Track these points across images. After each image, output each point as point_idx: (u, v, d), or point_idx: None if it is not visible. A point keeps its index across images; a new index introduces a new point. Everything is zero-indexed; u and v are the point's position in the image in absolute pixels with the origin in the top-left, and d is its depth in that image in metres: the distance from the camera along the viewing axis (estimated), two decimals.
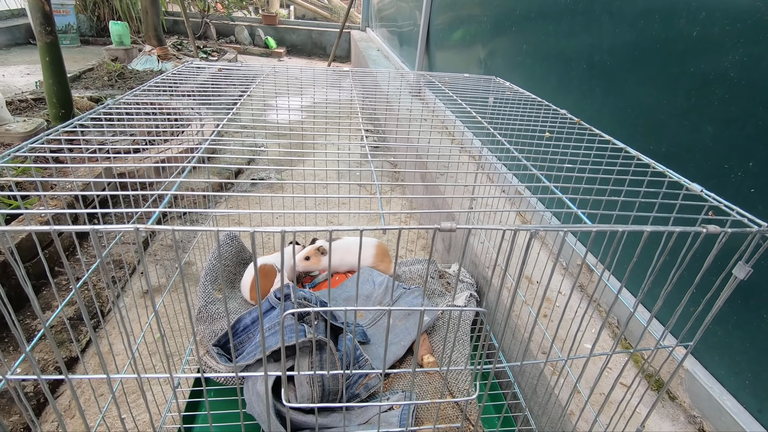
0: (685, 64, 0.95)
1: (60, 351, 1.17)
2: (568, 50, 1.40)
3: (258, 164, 2.60)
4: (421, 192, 2.09)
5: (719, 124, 0.88)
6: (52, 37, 2.22)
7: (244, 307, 1.20)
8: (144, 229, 0.35)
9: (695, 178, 0.93)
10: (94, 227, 0.35)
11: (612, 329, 1.11)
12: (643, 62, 1.08)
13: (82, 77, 3.82)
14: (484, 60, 2.13)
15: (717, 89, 0.88)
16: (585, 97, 1.32)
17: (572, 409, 0.87)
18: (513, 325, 1.11)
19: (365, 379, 0.94)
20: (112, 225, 0.35)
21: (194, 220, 1.92)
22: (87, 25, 6.15)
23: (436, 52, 3.06)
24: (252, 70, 1.24)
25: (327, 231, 0.37)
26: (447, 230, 0.38)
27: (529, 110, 0.97)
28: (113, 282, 1.53)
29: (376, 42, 5.92)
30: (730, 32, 0.85)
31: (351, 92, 0.98)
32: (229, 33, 7.23)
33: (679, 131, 0.97)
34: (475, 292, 1.29)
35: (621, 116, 1.16)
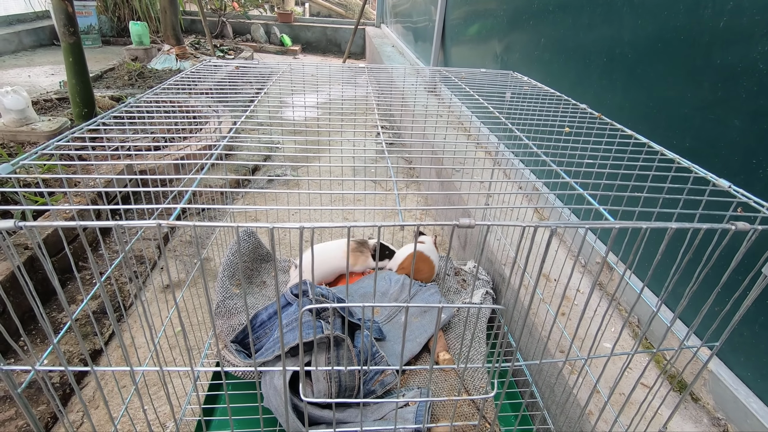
0: (711, 55, 0.92)
1: (85, 343, 1.21)
2: (587, 43, 1.37)
3: (274, 161, 2.62)
4: (437, 189, 2.08)
5: (747, 117, 0.85)
6: (75, 38, 2.27)
7: (261, 303, 1.21)
8: (165, 224, 0.36)
9: (721, 173, 0.91)
10: (118, 223, 0.35)
11: (633, 329, 1.08)
12: (666, 55, 1.05)
13: (104, 77, 3.91)
14: (500, 55, 2.11)
15: (745, 81, 0.85)
16: (605, 91, 1.29)
17: (591, 410, 0.86)
18: (530, 323, 1.10)
19: (381, 375, 0.94)
20: (134, 221, 0.35)
21: (212, 216, 1.95)
22: (108, 25, 6.29)
23: (452, 47, 3.03)
24: (268, 67, 1.25)
25: (345, 227, 0.37)
26: (465, 226, 0.38)
27: (547, 105, 0.96)
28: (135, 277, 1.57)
29: (391, 38, 5.90)
30: (759, 22, 0.82)
31: (366, 89, 0.97)
32: (245, 31, 7.30)
33: (704, 125, 0.94)
34: (491, 289, 1.28)
35: (643, 110, 1.13)
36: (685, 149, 0.99)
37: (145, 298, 1.42)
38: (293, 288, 1.02)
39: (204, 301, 1.32)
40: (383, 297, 1.19)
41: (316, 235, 1.79)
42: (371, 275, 1.29)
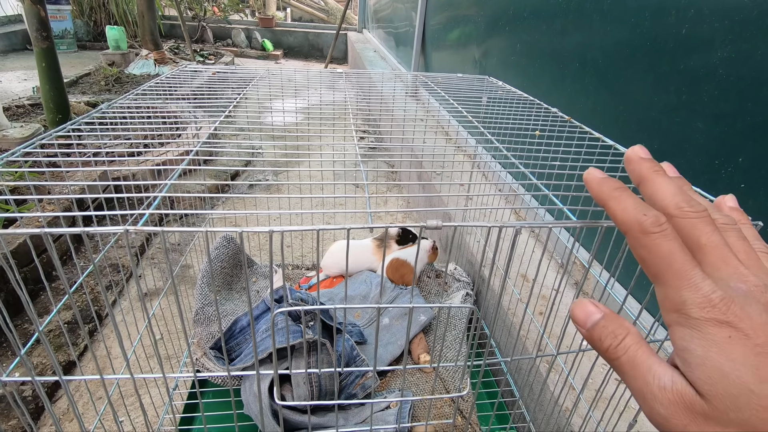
0: (676, 61, 0.96)
1: (58, 354, 1.18)
2: (560, 49, 1.41)
3: (255, 166, 2.60)
4: (418, 191, 2.10)
5: (709, 120, 0.88)
6: (48, 43, 2.23)
7: (242, 309, 1.20)
8: (134, 230, 0.36)
9: (687, 174, 0.94)
10: (85, 229, 0.35)
11: None
12: (634, 60, 1.09)
13: (79, 82, 3.83)
14: (479, 60, 2.14)
15: (707, 86, 0.88)
16: (578, 95, 1.32)
17: (567, 405, 0.88)
18: (509, 323, 1.12)
19: (362, 378, 0.94)
20: (102, 227, 0.35)
21: (192, 222, 1.92)
22: (84, 30, 6.16)
23: (432, 52, 3.07)
24: (247, 72, 1.25)
25: (315, 230, 0.38)
26: (433, 228, 0.39)
27: (521, 109, 0.98)
28: (111, 286, 1.54)
29: (373, 43, 5.93)
30: (718, 29, 0.85)
31: (345, 94, 0.98)
32: (225, 36, 7.24)
33: (671, 128, 0.98)
34: (472, 290, 1.29)
35: (614, 114, 1.17)
36: (654, 150, 1.02)
37: (120, 309, 1.39)
38: (274, 293, 1.01)
39: (183, 308, 1.30)
40: (364, 301, 1.19)
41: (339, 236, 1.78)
42: (353, 278, 1.30)
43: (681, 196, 0.26)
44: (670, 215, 0.25)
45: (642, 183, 0.28)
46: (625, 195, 0.26)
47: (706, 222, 0.25)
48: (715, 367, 0.21)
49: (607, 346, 0.25)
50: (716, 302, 0.22)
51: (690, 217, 0.25)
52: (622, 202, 0.26)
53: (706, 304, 0.22)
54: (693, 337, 0.22)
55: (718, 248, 0.24)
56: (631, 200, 0.26)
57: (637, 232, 0.25)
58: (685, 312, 0.23)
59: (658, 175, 0.27)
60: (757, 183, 0.80)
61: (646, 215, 0.25)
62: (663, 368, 0.23)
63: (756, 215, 0.75)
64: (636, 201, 0.26)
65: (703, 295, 0.22)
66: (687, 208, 0.25)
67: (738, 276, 0.23)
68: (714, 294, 0.22)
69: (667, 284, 0.24)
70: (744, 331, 0.21)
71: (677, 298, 0.23)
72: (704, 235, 0.24)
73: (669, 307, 0.24)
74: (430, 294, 1.30)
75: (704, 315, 0.22)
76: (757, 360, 0.20)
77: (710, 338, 0.22)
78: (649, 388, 0.23)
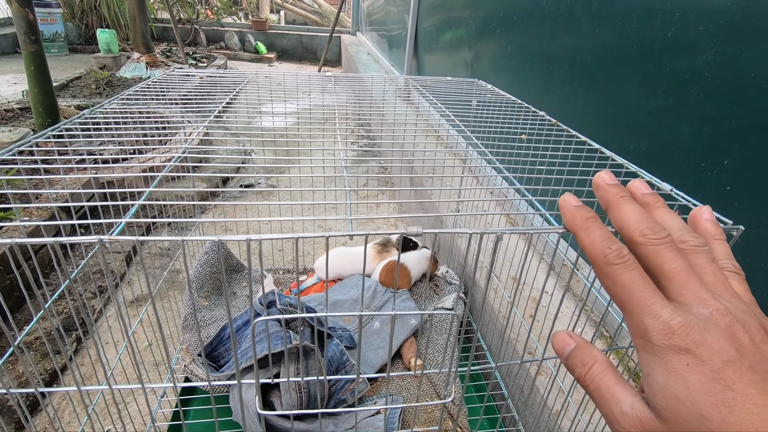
0: (662, 64, 0.96)
1: (44, 362, 1.16)
2: (550, 51, 1.42)
3: (247, 171, 2.59)
4: (411, 195, 2.10)
5: (696, 123, 0.89)
6: (36, 46, 2.21)
7: (232, 314, 1.19)
8: (109, 240, 0.35)
9: (674, 176, 0.95)
10: (57, 239, 0.35)
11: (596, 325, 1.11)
12: (622, 63, 1.09)
13: (70, 86, 3.80)
14: (470, 62, 2.15)
15: (692, 89, 0.89)
16: (568, 97, 1.33)
17: (557, 408, 0.87)
18: (500, 325, 1.12)
19: (352, 384, 0.94)
20: (76, 237, 0.35)
21: (182, 228, 1.91)
22: (75, 33, 6.13)
23: (425, 55, 3.07)
24: (236, 76, 1.24)
25: (293, 238, 0.38)
26: (414, 234, 0.38)
27: (510, 113, 0.98)
28: (97, 292, 1.52)
29: (366, 46, 5.94)
30: (703, 33, 0.86)
31: (334, 98, 0.98)
32: (219, 39, 7.22)
33: (658, 130, 0.98)
34: (463, 293, 1.29)
35: (603, 116, 1.17)
36: (642, 153, 1.03)
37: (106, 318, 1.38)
38: (262, 299, 1.01)
39: (171, 315, 1.29)
40: (354, 305, 1.19)
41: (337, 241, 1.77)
42: (344, 282, 1.29)
43: (645, 223, 0.27)
44: (634, 243, 0.27)
45: (609, 209, 0.29)
46: (595, 227, 0.27)
47: (669, 248, 0.26)
48: (673, 395, 0.22)
49: (578, 374, 0.26)
50: (676, 329, 0.23)
51: (653, 244, 0.26)
52: (591, 234, 0.27)
53: (666, 331, 0.23)
54: (655, 364, 0.23)
55: (681, 274, 0.25)
56: (600, 232, 0.27)
57: (601, 263, 0.26)
58: (648, 339, 0.23)
59: (624, 201, 0.28)
60: (742, 185, 0.80)
61: (611, 248, 0.26)
62: (626, 394, 0.24)
63: (741, 217, 0.76)
64: (604, 233, 0.27)
65: (663, 322, 0.23)
66: (650, 235, 0.26)
67: (700, 301, 0.24)
68: (673, 321, 0.23)
69: (630, 312, 0.25)
70: (701, 358, 0.22)
71: (640, 325, 0.24)
72: (667, 262, 0.25)
73: (634, 333, 0.25)
74: (422, 297, 1.29)
75: (665, 342, 0.23)
76: (710, 386, 0.21)
77: (670, 365, 0.22)
78: (613, 414, 0.24)
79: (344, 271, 1.33)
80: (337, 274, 1.33)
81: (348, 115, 1.05)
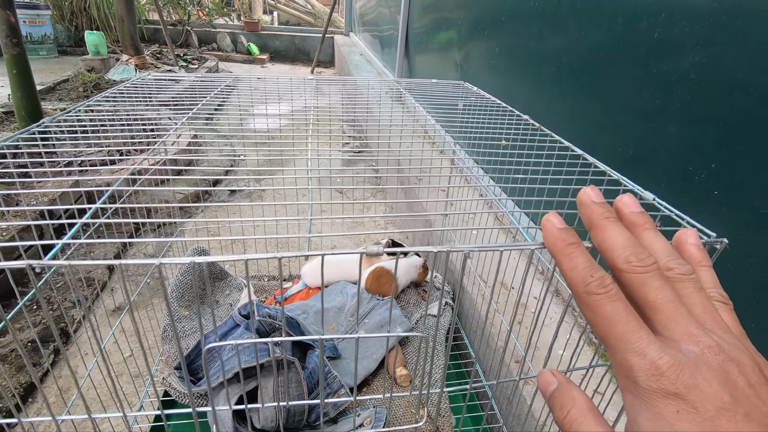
0: (648, 65, 0.95)
1: (20, 376, 1.13)
2: (538, 53, 1.40)
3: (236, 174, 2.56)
4: (401, 196, 2.08)
5: (682, 125, 0.87)
6: (19, 49, 2.17)
7: (212, 324, 1.16)
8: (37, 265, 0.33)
9: (660, 180, 0.93)
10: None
11: (587, 334, 1.09)
12: (608, 64, 1.07)
13: (57, 89, 3.75)
14: (460, 63, 2.13)
15: (679, 90, 0.87)
16: (556, 99, 1.31)
17: (544, 420, 0.85)
18: (487, 333, 1.10)
19: (334, 396, 0.91)
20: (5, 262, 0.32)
21: (169, 232, 1.88)
22: (65, 35, 6.06)
23: (416, 56, 3.05)
24: (214, 80, 1.21)
25: (241, 260, 0.35)
26: (374, 254, 0.36)
27: (493, 116, 0.96)
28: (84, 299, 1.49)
29: (359, 47, 5.92)
30: (689, 34, 0.84)
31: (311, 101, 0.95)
32: (210, 40, 7.17)
33: (645, 133, 0.96)
34: (451, 300, 1.27)
35: (590, 119, 1.16)
36: (629, 157, 1.01)
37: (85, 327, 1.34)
38: (241, 309, 0.98)
39: (155, 323, 1.25)
40: (339, 313, 1.16)
41: (328, 246, 1.74)
42: (329, 289, 1.26)
43: (630, 249, 0.25)
44: (618, 269, 0.25)
45: (592, 230, 0.27)
46: (577, 252, 0.26)
47: (655, 276, 0.24)
48: None
49: (556, 416, 0.25)
50: (664, 370, 0.20)
51: (638, 272, 0.24)
52: (572, 260, 0.25)
53: (653, 371, 0.21)
54: (642, 408, 0.21)
55: (667, 305, 0.23)
56: (582, 259, 0.25)
57: (582, 292, 0.24)
58: (633, 379, 0.21)
59: (609, 223, 0.26)
60: (730, 189, 0.79)
61: (592, 276, 0.24)
62: None
63: (728, 223, 0.74)
64: (586, 260, 0.25)
65: (650, 361, 0.21)
66: (635, 263, 0.24)
67: (689, 336, 0.22)
68: (661, 360, 0.21)
69: (612, 347, 0.23)
70: (693, 404, 0.20)
71: (624, 363, 0.22)
72: (652, 291, 0.23)
73: (618, 372, 0.23)
74: (409, 304, 1.27)
75: (652, 385, 0.21)
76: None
77: (658, 412, 0.20)
78: None
79: (332, 278, 1.30)
80: (327, 280, 1.30)
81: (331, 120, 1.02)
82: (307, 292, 1.28)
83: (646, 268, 0.24)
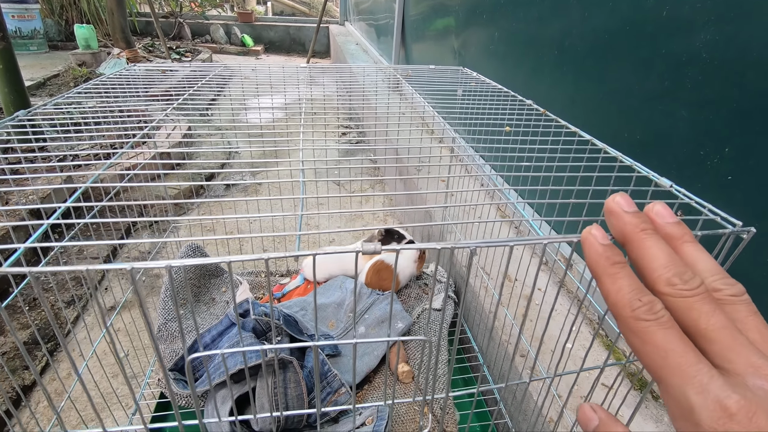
0: (657, 46, 0.90)
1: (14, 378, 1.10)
2: (539, 36, 1.35)
3: (232, 167, 2.52)
4: (400, 187, 2.04)
5: (694, 108, 0.83)
6: (4, 43, 2.11)
7: (209, 322, 1.13)
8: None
9: (671, 166, 0.89)
10: None
11: (593, 326, 1.07)
12: (613, 46, 1.03)
13: (47, 84, 3.68)
14: (458, 50, 2.08)
15: (690, 71, 0.83)
16: (558, 83, 1.27)
17: (552, 416, 0.83)
18: (491, 326, 1.07)
19: (334, 395, 0.88)
20: None
21: (164, 229, 1.84)
22: (55, 29, 5.96)
23: (413, 44, 2.99)
24: (200, 70, 1.17)
25: (227, 261, 0.32)
26: (370, 252, 0.32)
27: (495, 101, 0.92)
28: (77, 299, 1.46)
29: (355, 36, 5.82)
30: (700, 11, 0.80)
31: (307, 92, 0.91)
32: (204, 32, 7.07)
33: (653, 117, 0.92)
34: (453, 293, 1.24)
35: (594, 103, 1.11)
36: (636, 142, 0.97)
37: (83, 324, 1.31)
38: (237, 306, 0.95)
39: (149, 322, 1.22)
40: (339, 309, 1.13)
41: (326, 241, 1.71)
42: (328, 284, 1.23)
43: (673, 269, 0.22)
44: (660, 292, 0.22)
45: (627, 244, 0.24)
46: (623, 273, 0.23)
47: (704, 300, 0.21)
48: None
49: None
50: (734, 411, 0.17)
51: (684, 296, 0.21)
52: (617, 281, 0.23)
53: (720, 414, 0.17)
54: None
55: (722, 333, 0.20)
56: (628, 280, 0.22)
57: (628, 317, 0.22)
58: (696, 421, 0.18)
59: (647, 237, 0.23)
60: (744, 174, 0.75)
61: (641, 300, 0.21)
62: None
63: (744, 209, 0.70)
64: (633, 282, 0.22)
65: (715, 400, 0.18)
66: (680, 285, 0.21)
67: (755, 370, 0.18)
68: (729, 399, 0.17)
69: (666, 382, 0.20)
70: None
71: (683, 402, 0.19)
72: (703, 317, 0.20)
73: (675, 412, 0.19)
74: (410, 298, 1.24)
75: (719, 429, 0.17)
76: None
77: None
78: None
79: (333, 272, 1.27)
80: (327, 274, 1.27)
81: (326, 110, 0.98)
82: (305, 288, 1.25)
83: (693, 291, 0.21)
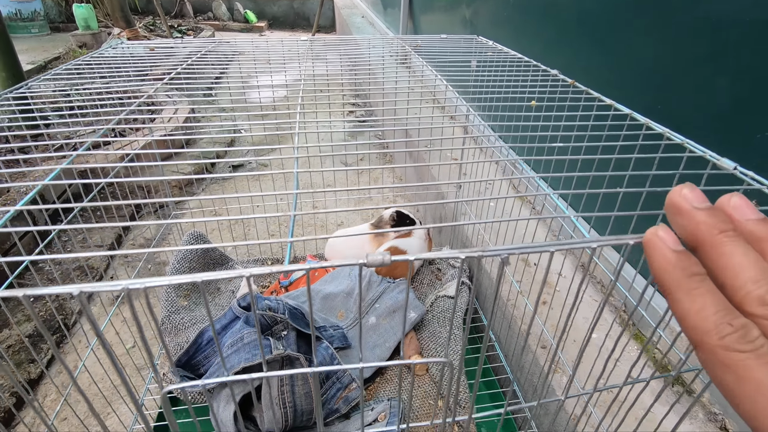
0: (695, 8, 0.80)
1: (19, 371, 1.08)
2: (557, 0, 1.24)
3: (234, 151, 2.46)
4: (410, 169, 1.97)
5: (735, 76, 0.74)
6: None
7: (213, 314, 1.10)
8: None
9: (710, 143, 0.80)
10: None
11: (619, 314, 1.00)
12: (643, 8, 0.93)
13: (48, 67, 3.62)
14: (470, 19, 1.96)
15: (731, 34, 0.74)
16: (578, 53, 1.17)
17: (576, 413, 0.78)
18: (509, 315, 1.01)
19: (345, 391, 0.84)
20: None
21: (170, 214, 1.81)
22: (56, 10, 5.85)
23: (420, 15, 2.85)
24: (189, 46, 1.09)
25: (198, 281, 0.26)
26: (378, 264, 0.26)
27: (515, 73, 0.83)
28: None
29: (361, 8, 5.62)
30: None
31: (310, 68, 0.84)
32: (206, 9, 6.89)
33: (686, 88, 0.83)
34: (467, 278, 1.18)
35: (619, 73, 1.02)
36: (669, 116, 0.88)
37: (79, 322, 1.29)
38: (240, 300, 0.90)
39: (156, 312, 1.19)
40: (348, 297, 1.08)
41: (334, 223, 1.66)
42: (336, 272, 1.18)
43: (767, 283, 0.17)
44: (750, 314, 0.18)
45: (700, 248, 0.19)
46: (704, 289, 0.18)
47: None
48: None
49: None
50: None
51: None
52: (697, 299, 0.18)
53: None
54: None
55: None
56: (712, 298, 0.18)
57: (715, 346, 0.17)
58: None
59: (728, 241, 0.18)
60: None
61: (731, 325, 0.17)
62: None
63: None
64: (718, 301, 0.18)
65: None
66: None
67: None
68: None
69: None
70: None
71: None
72: None
73: None
74: (422, 284, 1.19)
75: None
76: None
77: None
78: None
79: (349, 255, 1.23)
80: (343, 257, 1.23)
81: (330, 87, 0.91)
82: (313, 275, 1.21)
83: None
